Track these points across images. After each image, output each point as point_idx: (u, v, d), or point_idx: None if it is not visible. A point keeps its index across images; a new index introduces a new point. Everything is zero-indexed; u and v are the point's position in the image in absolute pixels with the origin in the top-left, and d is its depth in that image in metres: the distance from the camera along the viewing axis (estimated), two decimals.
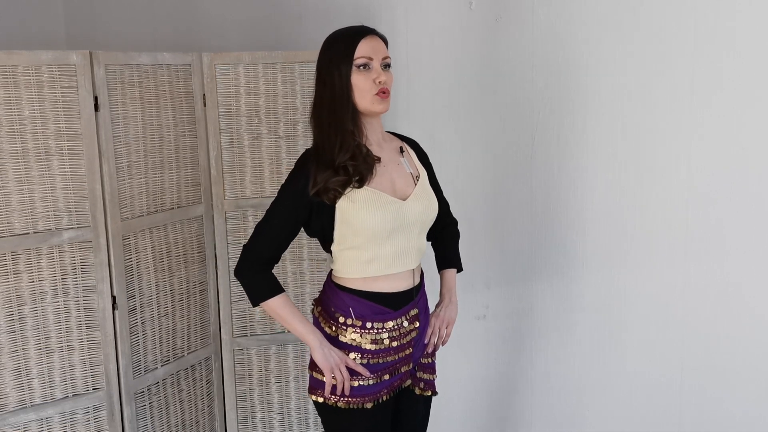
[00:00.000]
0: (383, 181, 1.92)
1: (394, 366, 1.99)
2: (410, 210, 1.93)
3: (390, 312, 1.96)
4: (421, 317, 2.04)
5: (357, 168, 1.86)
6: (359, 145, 1.89)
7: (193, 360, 2.71)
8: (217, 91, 2.63)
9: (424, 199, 1.98)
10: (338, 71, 1.86)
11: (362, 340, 1.94)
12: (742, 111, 2.29)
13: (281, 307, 1.93)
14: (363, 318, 1.94)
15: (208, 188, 2.68)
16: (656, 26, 2.37)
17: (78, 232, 2.32)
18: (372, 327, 1.94)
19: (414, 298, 2.01)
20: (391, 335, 1.95)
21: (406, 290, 1.98)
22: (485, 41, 2.68)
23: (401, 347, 1.98)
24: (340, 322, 1.96)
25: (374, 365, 1.95)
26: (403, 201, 1.93)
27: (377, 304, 1.95)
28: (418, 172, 2.03)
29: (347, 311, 1.95)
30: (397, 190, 1.95)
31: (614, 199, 2.52)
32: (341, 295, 1.97)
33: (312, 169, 1.87)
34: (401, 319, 1.97)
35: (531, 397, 2.80)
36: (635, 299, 2.54)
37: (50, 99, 2.23)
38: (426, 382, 2.10)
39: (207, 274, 2.72)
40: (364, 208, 1.87)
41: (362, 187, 1.88)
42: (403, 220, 1.92)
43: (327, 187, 1.85)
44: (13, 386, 2.28)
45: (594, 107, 2.51)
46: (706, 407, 2.47)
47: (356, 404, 1.94)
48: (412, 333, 2.00)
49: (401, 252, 1.94)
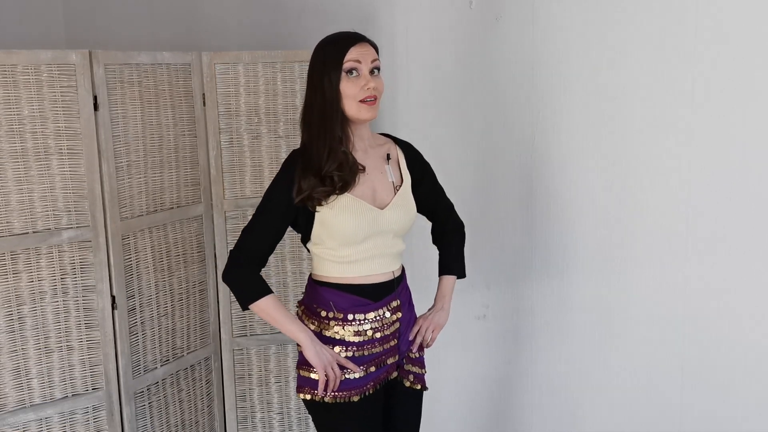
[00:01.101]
0: (365, 189, 1.96)
1: (380, 358, 2.01)
2: (386, 219, 1.97)
3: (370, 303, 1.98)
4: (404, 309, 2.06)
5: (342, 177, 1.89)
6: (346, 153, 1.92)
7: (192, 360, 2.71)
8: (217, 91, 2.63)
9: (401, 208, 2.01)
10: (328, 77, 1.89)
11: (345, 333, 1.97)
12: (743, 111, 2.28)
13: (271, 307, 1.94)
14: (344, 311, 1.97)
15: (207, 188, 2.67)
16: (657, 26, 2.37)
17: (77, 232, 2.32)
18: (354, 319, 1.97)
19: (395, 290, 2.03)
20: (373, 326, 1.98)
21: (385, 282, 2.01)
22: (485, 40, 2.67)
23: (385, 338, 2.01)
24: (322, 316, 1.98)
25: (360, 358, 1.97)
26: (380, 210, 1.96)
27: (357, 296, 1.97)
28: (401, 180, 2.05)
29: (328, 305, 1.98)
30: (377, 198, 1.98)
31: (614, 199, 2.52)
32: (320, 290, 2.00)
33: (297, 173, 1.90)
34: (383, 310, 2.00)
35: (531, 396, 2.80)
36: (635, 299, 2.53)
37: (49, 98, 2.23)
38: (415, 375, 2.12)
39: (206, 274, 2.72)
40: (342, 214, 1.91)
41: (343, 194, 1.91)
42: (379, 228, 1.96)
43: (311, 196, 1.89)
44: (12, 386, 2.27)
45: (594, 107, 2.51)
46: (706, 407, 2.47)
47: (343, 398, 1.96)
48: (395, 324, 2.03)
49: (375, 256, 1.98)
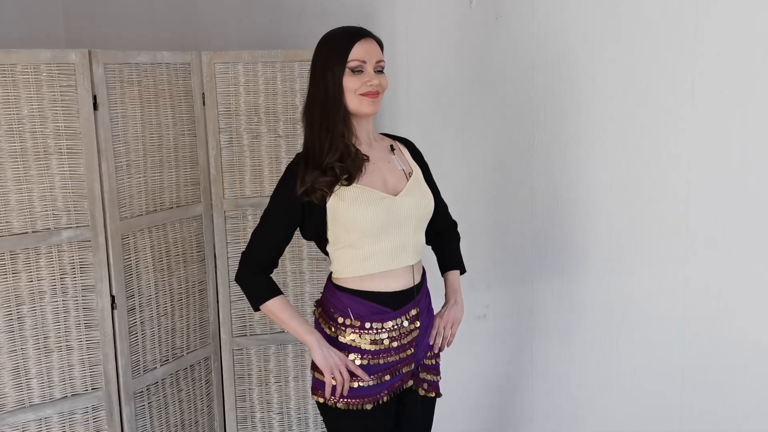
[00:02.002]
0: (374, 178, 1.93)
1: (395, 367, 1.97)
2: (402, 205, 1.92)
3: (389, 312, 1.94)
4: (423, 317, 2.02)
5: (345, 168, 1.87)
6: (348, 146, 1.90)
7: (192, 360, 2.70)
8: (217, 90, 2.62)
9: (417, 193, 1.97)
10: (331, 73, 1.87)
11: (361, 341, 1.93)
12: (743, 111, 2.28)
13: (280, 308, 1.93)
14: (361, 318, 1.93)
15: (207, 187, 2.67)
16: (657, 25, 2.37)
17: (77, 232, 2.32)
18: (371, 327, 1.93)
19: (414, 298, 1.99)
20: (390, 335, 1.94)
21: (405, 289, 1.97)
22: (485, 40, 2.67)
23: (402, 347, 1.97)
24: (339, 322, 1.95)
25: (374, 366, 1.94)
26: (394, 196, 1.92)
27: (376, 304, 1.94)
28: (411, 168, 2.02)
29: (346, 312, 1.94)
30: (389, 186, 1.94)
31: (615, 199, 2.52)
32: (340, 295, 1.96)
33: (301, 170, 1.89)
34: (401, 319, 1.96)
35: (531, 396, 2.79)
36: (636, 299, 2.53)
37: (49, 98, 2.23)
38: (430, 383, 2.09)
39: (206, 274, 2.71)
40: (354, 205, 1.87)
41: (351, 185, 1.88)
42: (396, 216, 1.91)
43: (314, 187, 1.86)
44: (11, 386, 2.27)
45: (594, 106, 2.51)
46: (706, 407, 2.47)
47: (356, 405, 1.93)
48: (412, 333, 1.99)
49: (397, 248, 1.93)
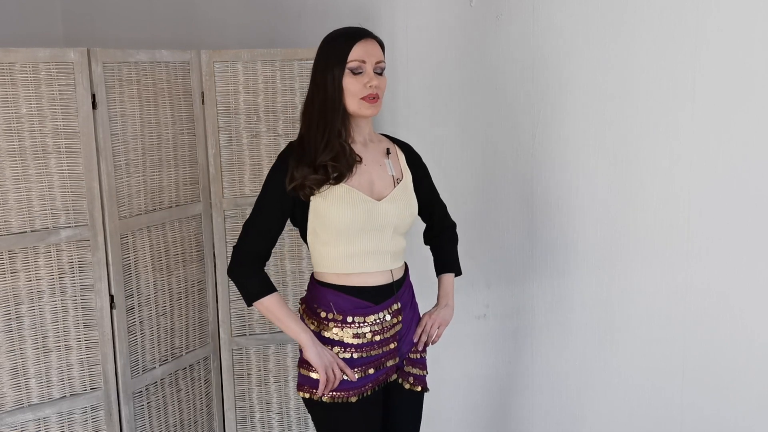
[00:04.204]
0: (362, 180, 1.94)
1: (379, 360, 1.99)
2: (383, 210, 1.94)
3: (371, 306, 1.97)
4: (406, 311, 2.05)
5: (336, 168, 1.88)
6: (343, 145, 1.91)
7: (191, 359, 2.70)
8: (216, 89, 2.62)
9: (400, 201, 1.98)
10: (332, 74, 1.88)
11: (344, 334, 1.96)
12: (743, 111, 2.28)
13: (274, 305, 1.94)
14: (344, 312, 1.96)
15: (206, 186, 2.67)
16: (657, 25, 2.36)
17: (76, 231, 2.31)
18: (353, 321, 1.95)
19: (395, 293, 2.01)
20: (372, 329, 1.97)
21: (385, 284, 1.99)
22: (486, 39, 2.67)
23: (385, 341, 1.99)
24: (322, 317, 1.97)
25: (358, 359, 1.96)
26: (377, 201, 1.93)
27: (357, 299, 1.96)
28: (402, 175, 2.03)
29: (328, 306, 1.96)
30: (375, 190, 1.96)
31: (615, 199, 2.52)
32: (322, 290, 1.98)
33: (291, 163, 1.89)
34: (383, 313, 1.98)
35: (531, 396, 2.79)
36: (635, 298, 2.53)
37: (48, 96, 2.22)
38: (416, 377, 2.10)
39: (205, 273, 2.71)
40: (336, 204, 1.89)
41: (338, 184, 1.89)
42: (375, 221, 1.93)
43: (303, 184, 1.87)
44: (10, 386, 2.26)
45: (594, 106, 2.50)
46: (706, 407, 2.46)
47: (341, 398, 1.95)
48: (395, 327, 2.01)
49: (373, 252, 1.95)
